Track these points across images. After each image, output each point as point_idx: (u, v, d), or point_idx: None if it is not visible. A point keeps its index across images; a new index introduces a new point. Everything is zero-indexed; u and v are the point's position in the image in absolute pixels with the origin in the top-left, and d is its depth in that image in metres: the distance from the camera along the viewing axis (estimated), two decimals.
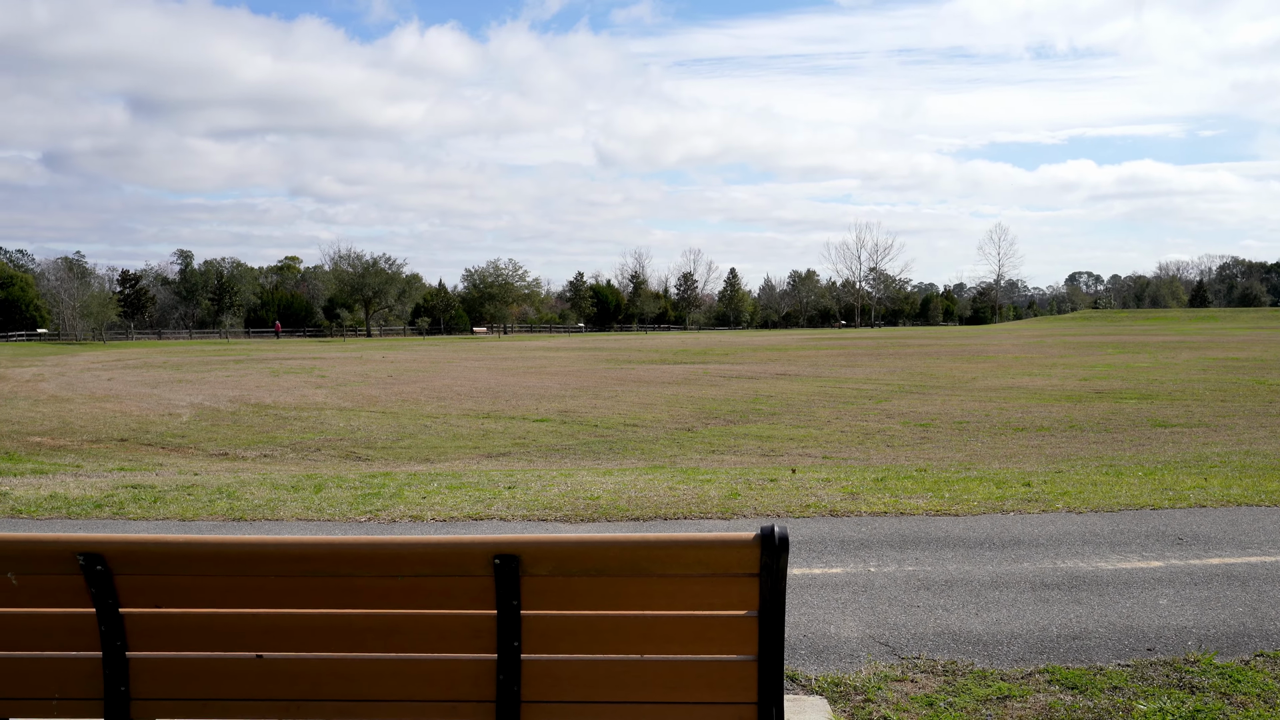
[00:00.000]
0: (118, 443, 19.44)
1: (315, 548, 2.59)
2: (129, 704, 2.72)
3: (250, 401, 27.09)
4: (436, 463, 15.43)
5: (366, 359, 51.14)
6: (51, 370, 42.35)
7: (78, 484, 10.27)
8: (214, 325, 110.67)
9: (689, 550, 2.59)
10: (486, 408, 24.95)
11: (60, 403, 27.32)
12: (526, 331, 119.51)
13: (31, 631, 2.72)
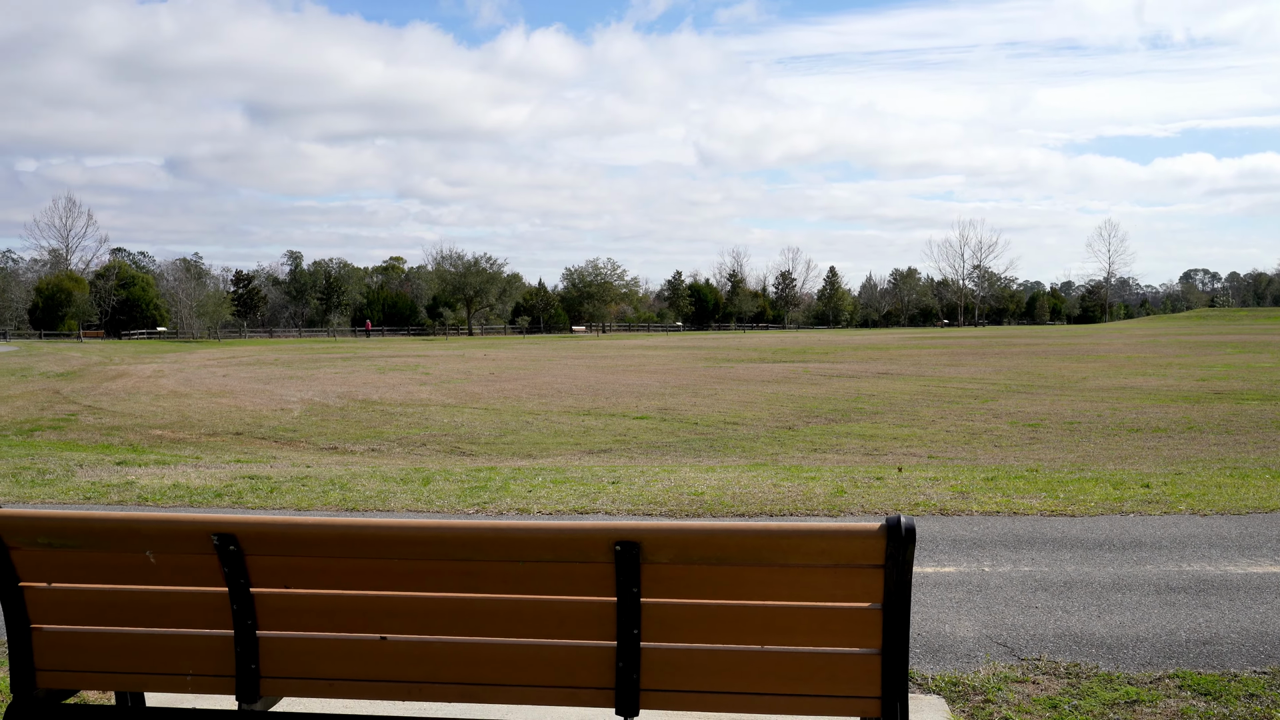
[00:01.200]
0: (233, 436, 20.07)
1: (439, 531, 2.62)
2: (259, 681, 2.78)
3: (358, 398, 27.72)
4: (539, 458, 15.58)
5: (468, 357, 51.94)
6: (170, 367, 43.97)
7: (198, 474, 10.62)
8: (322, 324, 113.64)
9: (812, 540, 2.54)
10: (587, 405, 25.11)
11: (179, 398, 28.33)
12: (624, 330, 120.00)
13: (168, 609, 2.80)
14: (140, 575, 2.79)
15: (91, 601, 2.83)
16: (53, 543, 2.76)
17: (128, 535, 2.73)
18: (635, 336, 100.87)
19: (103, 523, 2.74)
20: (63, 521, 2.75)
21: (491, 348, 67.43)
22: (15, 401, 27.49)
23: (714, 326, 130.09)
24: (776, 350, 56.57)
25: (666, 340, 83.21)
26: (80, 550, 2.77)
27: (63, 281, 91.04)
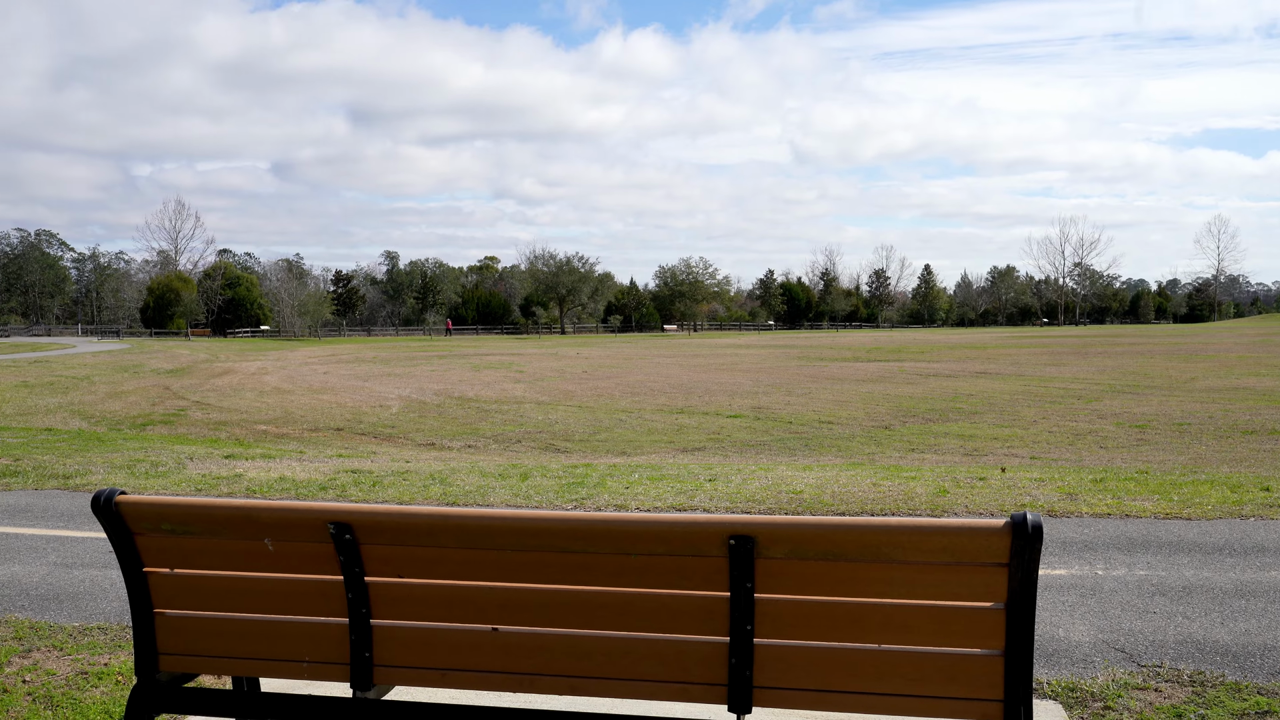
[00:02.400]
0: (334, 431, 20.52)
1: (552, 523, 2.61)
2: (372, 669, 2.80)
3: (454, 395, 28.12)
4: (632, 456, 15.59)
5: (561, 355, 52.33)
6: (274, 364, 45.16)
7: (303, 468, 10.86)
8: (418, 323, 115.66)
9: (934, 536, 2.47)
10: (679, 403, 25.08)
11: (282, 394, 29.07)
12: (716, 329, 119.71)
13: (285, 596, 2.84)
14: (259, 563, 2.83)
15: (211, 588, 2.88)
16: (176, 530, 2.82)
17: (247, 523, 2.77)
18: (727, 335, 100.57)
19: (224, 511, 2.79)
20: (186, 509, 2.81)
21: (584, 346, 67.84)
22: (129, 397, 28.51)
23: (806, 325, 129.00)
24: (870, 349, 55.85)
25: (758, 339, 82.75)
26: (202, 537, 2.82)
27: (172, 281, 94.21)
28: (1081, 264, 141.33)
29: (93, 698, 4.01)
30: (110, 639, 4.79)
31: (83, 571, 6.21)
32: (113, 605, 5.45)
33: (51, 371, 36.69)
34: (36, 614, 5.28)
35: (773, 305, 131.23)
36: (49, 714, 3.85)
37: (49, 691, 4.08)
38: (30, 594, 5.70)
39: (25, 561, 6.49)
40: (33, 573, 6.19)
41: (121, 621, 5.13)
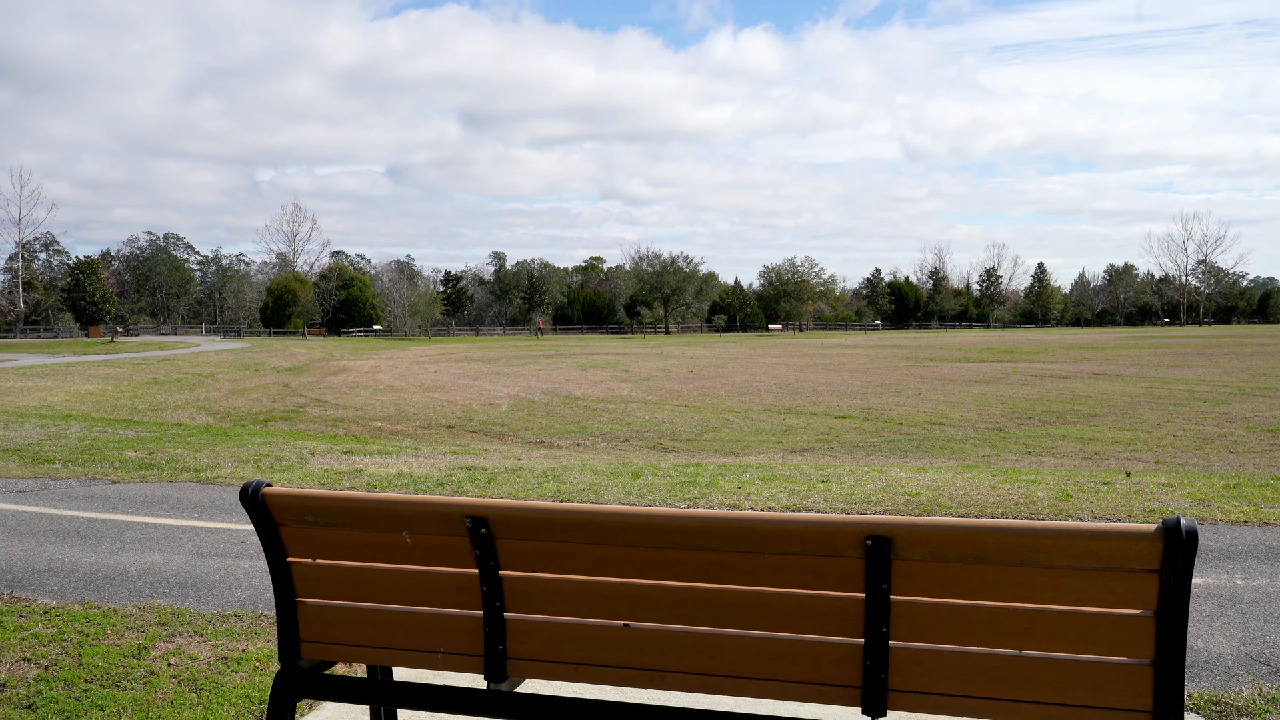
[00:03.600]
0: (446, 429, 20.92)
1: (687, 520, 2.61)
2: (505, 662, 2.84)
3: (561, 394, 28.40)
4: (741, 456, 15.54)
5: (666, 355, 52.44)
6: (386, 363, 46.25)
7: (419, 464, 11.09)
8: (524, 322, 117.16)
9: (1080, 540, 2.40)
10: (787, 403, 24.90)
11: (395, 392, 29.74)
12: (822, 329, 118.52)
13: (421, 588, 2.90)
14: (396, 555, 2.90)
15: (351, 578, 2.96)
16: (318, 521, 2.91)
17: (387, 516, 2.84)
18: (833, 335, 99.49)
19: (365, 504, 2.86)
20: (328, 501, 2.89)
21: (689, 346, 67.86)
22: (251, 394, 29.51)
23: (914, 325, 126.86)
24: (982, 349, 54.66)
25: (865, 339, 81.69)
26: (343, 529, 2.90)
27: (289, 283, 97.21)
28: (1206, 261, 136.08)
29: (233, 682, 4.17)
30: (246, 626, 4.97)
31: (217, 561, 6.45)
32: (246, 594, 5.65)
33: (179, 369, 38.20)
34: (177, 600, 5.50)
35: (880, 305, 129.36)
36: (193, 696, 4.01)
37: (192, 675, 4.25)
38: (170, 581, 5.94)
39: (164, 550, 6.77)
40: (171, 561, 6.46)
41: (256, 610, 5.31)
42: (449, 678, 3.81)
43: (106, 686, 4.12)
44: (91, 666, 4.35)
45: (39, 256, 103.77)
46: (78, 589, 5.79)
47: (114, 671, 4.29)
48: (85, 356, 46.32)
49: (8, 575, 6.11)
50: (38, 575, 6.12)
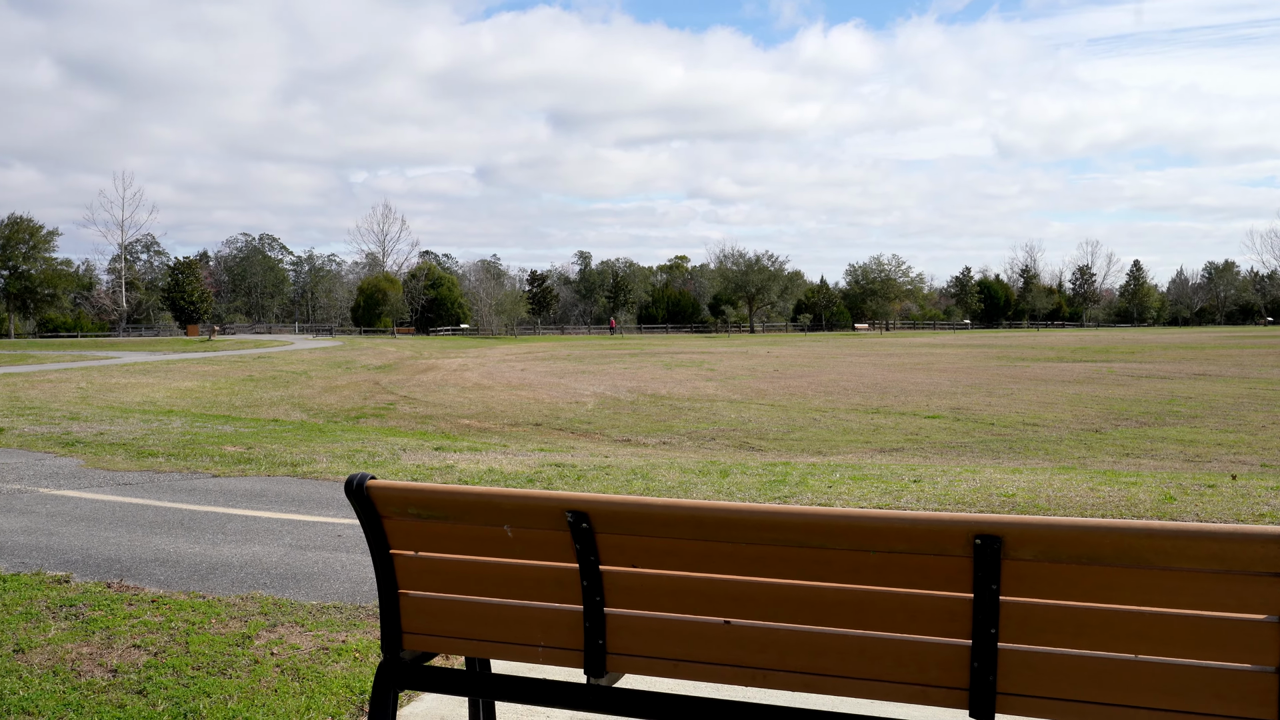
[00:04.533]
0: (533, 426, 21.10)
1: (790, 517, 2.58)
2: (605, 657, 2.84)
3: (647, 392, 28.45)
4: (829, 455, 15.39)
5: (751, 354, 52.23)
6: (473, 361, 46.85)
7: (508, 461, 11.20)
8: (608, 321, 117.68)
9: (1202, 542, 2.31)
10: (874, 403, 24.61)
11: (482, 390, 30.10)
12: (909, 328, 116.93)
13: (521, 581, 2.92)
14: (497, 548, 2.92)
15: (452, 571, 2.99)
16: (421, 514, 2.94)
17: (489, 510, 2.86)
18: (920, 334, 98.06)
19: (467, 497, 2.88)
20: (431, 495, 2.92)
21: (774, 345, 67.50)
22: (343, 391, 30.13)
23: (1004, 324, 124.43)
24: (1075, 349, 53.38)
25: (954, 338, 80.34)
26: (445, 522, 2.93)
27: (379, 282, 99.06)
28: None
29: (334, 672, 4.25)
30: (345, 617, 5.07)
31: (315, 554, 6.59)
32: (344, 586, 5.76)
33: (273, 367, 39.17)
34: (278, 591, 5.63)
35: (969, 303, 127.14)
36: (296, 685, 4.10)
37: (295, 664, 4.35)
38: (271, 572, 6.09)
39: (264, 542, 6.94)
40: (271, 553, 6.61)
41: (354, 602, 5.41)
42: (547, 671, 3.83)
43: (213, 674, 4.24)
44: (198, 654, 4.48)
45: (140, 257, 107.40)
46: (183, 579, 5.96)
47: (220, 660, 4.41)
48: (184, 354, 47.79)
49: (117, 564, 6.32)
50: (145, 565, 6.31)
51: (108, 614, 5.12)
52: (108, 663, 4.40)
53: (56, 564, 6.33)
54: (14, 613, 5.16)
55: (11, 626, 4.92)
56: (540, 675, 3.05)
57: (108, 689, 4.09)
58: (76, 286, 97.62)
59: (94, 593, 5.56)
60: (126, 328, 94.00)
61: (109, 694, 4.03)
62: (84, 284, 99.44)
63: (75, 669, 4.32)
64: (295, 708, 3.86)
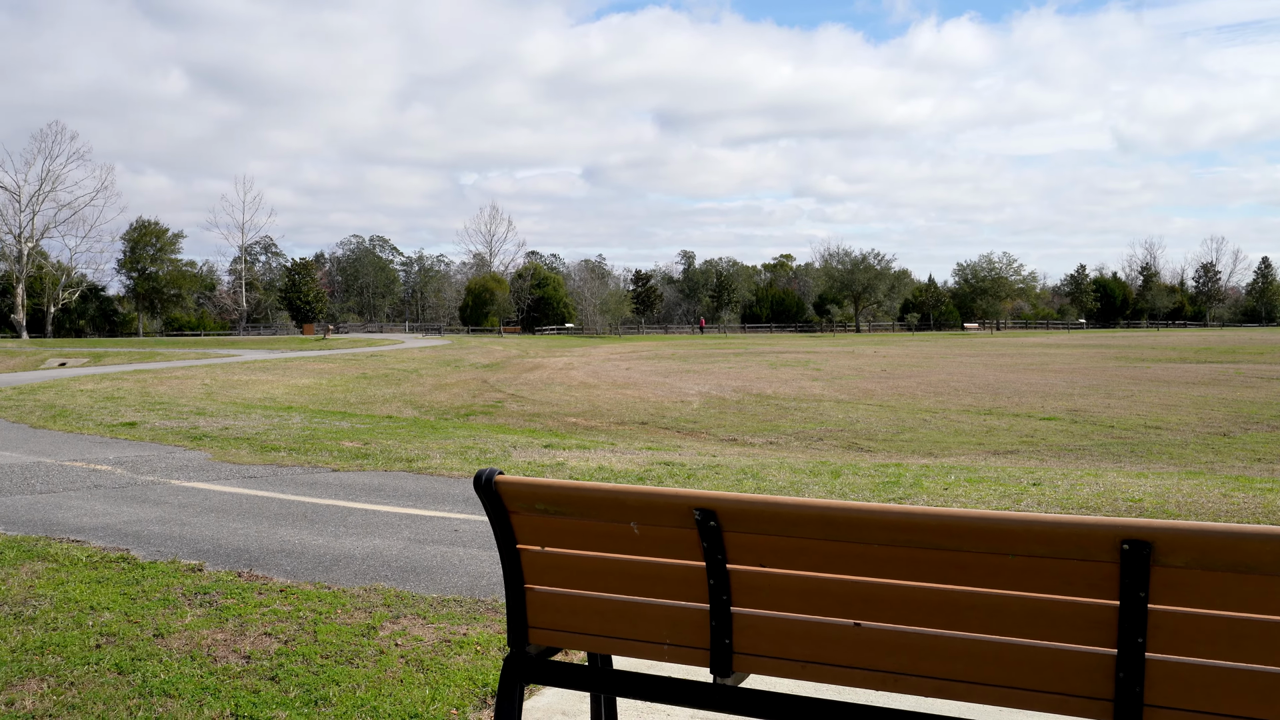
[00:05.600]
0: (639, 425, 21.18)
1: (924, 518, 2.53)
2: (732, 657, 2.82)
3: (752, 392, 28.31)
4: (940, 457, 15.10)
5: (858, 354, 51.57)
6: (579, 360, 47.24)
7: (617, 459, 11.25)
8: (712, 320, 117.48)
9: None
10: (987, 404, 24.07)
11: (588, 389, 30.33)
12: (1020, 327, 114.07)
13: (647, 579, 2.92)
14: (623, 545, 2.92)
15: (578, 566, 3.01)
16: (548, 509, 2.96)
17: (616, 506, 2.86)
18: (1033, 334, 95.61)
19: (594, 493, 2.89)
20: (559, 491, 2.94)
21: (881, 345, 66.54)
22: (452, 389, 30.68)
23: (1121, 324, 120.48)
24: (1199, 349, 51.38)
25: (1069, 338, 78.11)
26: (571, 518, 2.95)
27: (487, 282, 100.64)
28: None
29: (457, 664, 4.31)
30: (465, 611, 5.15)
31: (433, 548, 6.71)
32: (463, 580, 5.85)
33: (385, 365, 40.08)
34: (399, 584, 5.75)
35: (1084, 302, 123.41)
36: (420, 676, 4.17)
37: (419, 656, 4.43)
38: (391, 565, 6.22)
39: (384, 536, 7.10)
40: (391, 546, 6.76)
41: (472, 595, 5.49)
42: (670, 669, 3.83)
43: (341, 663, 4.34)
44: (326, 643, 4.60)
45: (259, 259, 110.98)
46: (308, 569, 6.13)
47: (347, 649, 4.52)
48: (300, 352, 49.23)
49: (245, 555, 6.53)
50: (271, 555, 6.51)
51: (239, 602, 5.30)
52: (241, 649, 4.55)
53: (190, 553, 6.58)
54: (153, 599, 5.38)
55: (151, 612, 5.12)
56: (661, 673, 3.04)
57: (242, 674, 4.22)
58: (200, 287, 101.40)
59: (226, 581, 5.76)
60: (246, 326, 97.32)
61: (243, 679, 4.16)
62: (207, 284, 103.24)
63: (211, 654, 4.48)
64: (421, 698, 3.93)
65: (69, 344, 64.61)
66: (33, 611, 5.14)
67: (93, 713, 3.83)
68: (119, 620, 4.97)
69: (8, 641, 4.64)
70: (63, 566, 6.13)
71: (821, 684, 2.83)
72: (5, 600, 5.36)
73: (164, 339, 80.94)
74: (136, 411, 17.68)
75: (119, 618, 5.02)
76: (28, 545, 6.74)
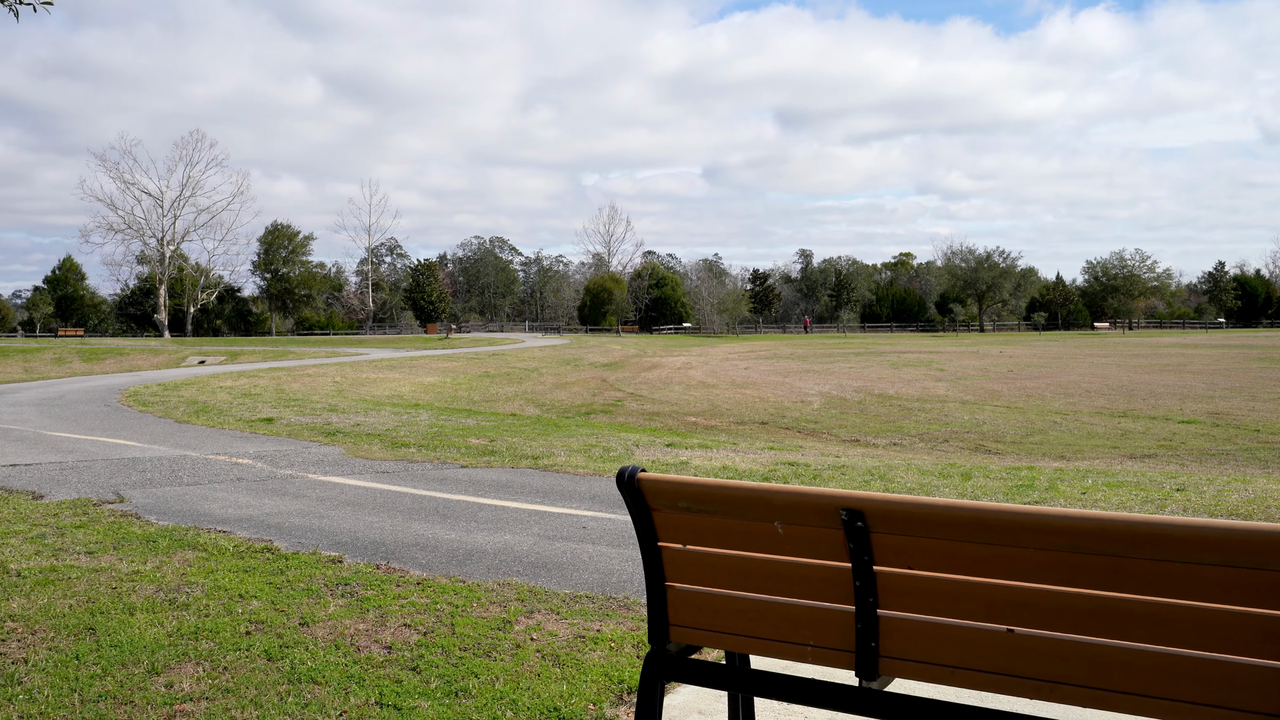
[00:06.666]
0: (759, 425, 21.07)
1: (1083, 522, 2.45)
2: (878, 660, 2.78)
3: (874, 392, 27.90)
4: (1073, 460, 14.62)
5: (983, 354, 50.35)
6: (696, 359, 47.24)
7: (740, 458, 11.21)
8: (831, 320, 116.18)
9: None
10: (1120, 406, 23.23)
11: (707, 388, 30.31)
12: (1154, 327, 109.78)
13: (790, 579, 2.89)
14: (765, 544, 2.90)
15: (719, 565, 3.00)
16: (691, 508, 2.96)
17: (760, 505, 2.85)
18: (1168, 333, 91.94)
19: (738, 492, 2.88)
20: (702, 489, 2.94)
21: (1006, 344, 64.83)
22: (573, 388, 31.02)
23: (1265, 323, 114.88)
24: None
25: (1207, 338, 74.86)
26: (713, 516, 2.94)
27: (605, 282, 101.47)
28: None
29: (592, 660, 4.36)
30: (597, 608, 5.19)
31: (563, 544, 6.79)
32: (593, 577, 5.91)
33: (506, 364, 40.75)
34: (530, 579, 5.84)
35: (1223, 301, 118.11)
36: (557, 671, 4.23)
37: (554, 651, 4.49)
38: (522, 561, 6.32)
39: (514, 531, 7.22)
40: (522, 542, 6.87)
41: (604, 592, 5.54)
42: (809, 670, 3.80)
43: (478, 656, 4.43)
44: (463, 636, 4.69)
45: (384, 260, 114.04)
46: (442, 563, 6.27)
47: (484, 642, 4.60)
48: (424, 351, 50.41)
49: (382, 548, 6.72)
50: (406, 549, 6.68)
51: (379, 594, 5.45)
52: (382, 640, 4.68)
53: (329, 545, 6.80)
54: (297, 589, 5.57)
55: (296, 601, 5.31)
56: (800, 674, 3.01)
57: (384, 664, 4.34)
58: (329, 287, 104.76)
59: (365, 573, 5.94)
60: (372, 326, 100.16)
61: (386, 669, 4.28)
62: (335, 285, 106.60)
63: (354, 644, 4.62)
64: (558, 693, 3.98)
65: (207, 342, 67.55)
66: (186, 598, 5.37)
67: (246, 697, 3.99)
68: (266, 608, 5.17)
69: (164, 626, 4.86)
70: (212, 556, 6.40)
71: (969, 690, 2.77)
72: (161, 587, 5.62)
73: (295, 338, 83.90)
74: (273, 408, 18.35)
75: (266, 606, 5.22)
76: (179, 535, 7.06)
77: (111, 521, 7.57)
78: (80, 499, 8.62)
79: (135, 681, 4.15)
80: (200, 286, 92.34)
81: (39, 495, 8.91)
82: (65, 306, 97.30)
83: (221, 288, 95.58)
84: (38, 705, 3.90)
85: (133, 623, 4.92)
